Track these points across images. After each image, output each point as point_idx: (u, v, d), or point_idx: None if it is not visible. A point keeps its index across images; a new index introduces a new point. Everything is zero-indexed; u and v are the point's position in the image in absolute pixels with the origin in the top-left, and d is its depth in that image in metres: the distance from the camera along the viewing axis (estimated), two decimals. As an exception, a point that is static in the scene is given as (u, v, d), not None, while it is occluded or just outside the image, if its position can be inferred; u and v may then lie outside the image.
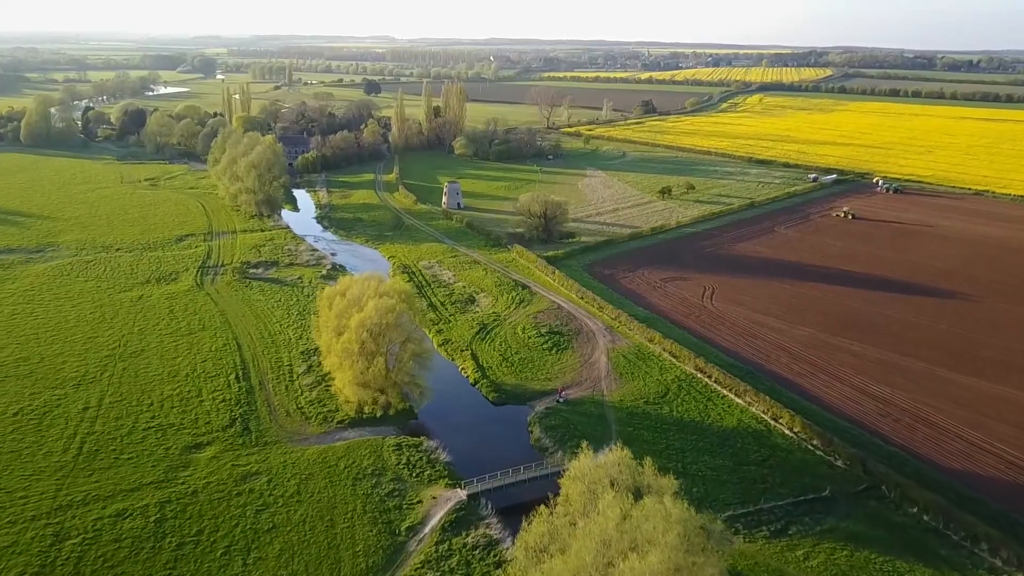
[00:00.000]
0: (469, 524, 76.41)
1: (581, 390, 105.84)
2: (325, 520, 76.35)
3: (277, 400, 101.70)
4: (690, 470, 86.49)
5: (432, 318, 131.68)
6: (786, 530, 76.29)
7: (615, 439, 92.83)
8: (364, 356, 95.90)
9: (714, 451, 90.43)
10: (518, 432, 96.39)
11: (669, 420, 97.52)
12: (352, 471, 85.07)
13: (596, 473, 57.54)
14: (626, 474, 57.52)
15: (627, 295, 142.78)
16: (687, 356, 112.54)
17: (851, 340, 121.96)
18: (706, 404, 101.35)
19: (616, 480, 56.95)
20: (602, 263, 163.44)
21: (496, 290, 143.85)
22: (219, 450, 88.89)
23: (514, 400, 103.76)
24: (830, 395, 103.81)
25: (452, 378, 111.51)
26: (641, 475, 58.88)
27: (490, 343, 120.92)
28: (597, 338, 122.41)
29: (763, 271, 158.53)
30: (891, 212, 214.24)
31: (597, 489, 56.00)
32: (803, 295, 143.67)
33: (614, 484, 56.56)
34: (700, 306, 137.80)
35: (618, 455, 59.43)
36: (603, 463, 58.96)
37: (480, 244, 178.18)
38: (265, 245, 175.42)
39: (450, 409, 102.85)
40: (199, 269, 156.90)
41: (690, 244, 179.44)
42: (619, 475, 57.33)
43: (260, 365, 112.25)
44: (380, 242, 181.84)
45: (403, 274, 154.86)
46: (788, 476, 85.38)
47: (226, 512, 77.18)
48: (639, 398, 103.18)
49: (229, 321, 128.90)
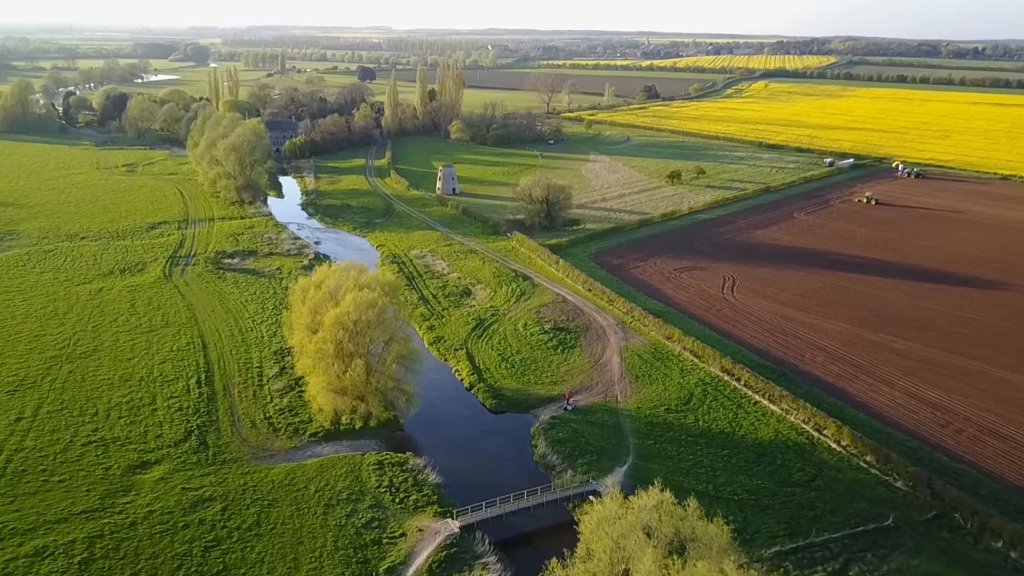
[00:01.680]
0: (462, 564, 63.03)
1: (592, 396, 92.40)
2: (288, 560, 62.94)
3: (242, 408, 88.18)
4: (723, 493, 73.15)
5: (423, 313, 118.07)
6: (846, 571, 62.93)
7: (633, 455, 79.50)
8: (340, 358, 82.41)
9: (750, 469, 77.05)
10: (520, 446, 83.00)
11: (695, 431, 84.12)
12: (324, 496, 71.63)
13: (627, 521, 44.09)
14: (667, 522, 44.13)
15: (639, 286, 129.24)
16: (711, 356, 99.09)
17: (893, 336, 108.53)
18: (736, 412, 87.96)
19: (653, 530, 43.65)
20: (610, 252, 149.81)
21: (494, 282, 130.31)
22: (168, 470, 75.42)
23: (515, 408, 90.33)
24: (878, 401, 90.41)
25: (444, 382, 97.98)
26: (683, 520, 45.41)
27: (488, 341, 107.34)
28: (608, 335, 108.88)
29: (785, 260, 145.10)
30: (915, 197, 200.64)
31: (628, 543, 42.68)
32: (832, 286, 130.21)
33: (651, 535, 43.28)
34: (720, 298, 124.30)
35: (656, 497, 45.91)
36: (636, 507, 45.45)
37: (477, 232, 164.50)
38: (244, 233, 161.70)
39: (441, 419, 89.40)
40: (169, 259, 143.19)
41: (704, 231, 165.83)
42: (657, 523, 43.98)
43: (226, 367, 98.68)
44: (369, 230, 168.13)
45: (392, 264, 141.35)
46: (840, 500, 72.02)
47: (168, 550, 63.72)
48: (659, 405, 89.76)
49: (196, 317, 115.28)
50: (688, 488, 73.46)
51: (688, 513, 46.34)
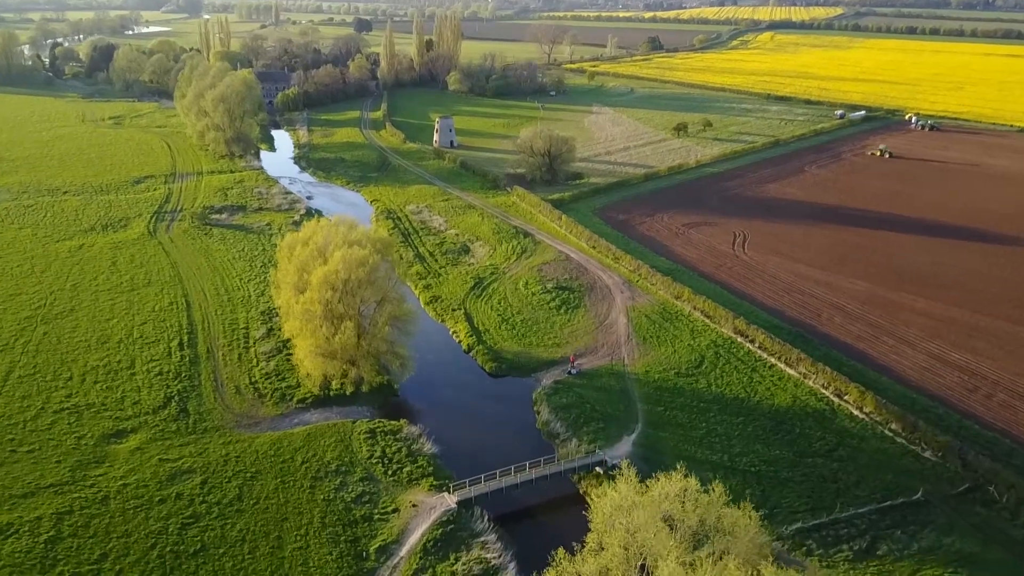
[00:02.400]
0: (459, 543, 58.31)
1: (597, 359, 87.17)
2: (271, 538, 58.23)
3: (226, 372, 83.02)
4: (739, 464, 68.29)
5: (419, 271, 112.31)
6: (873, 549, 58.25)
7: (642, 422, 74.53)
8: (329, 320, 76.92)
9: (767, 438, 72.09)
10: (521, 412, 77.99)
11: (707, 397, 79.04)
12: (311, 468, 66.76)
13: (645, 511, 38.87)
14: (691, 511, 38.91)
15: (646, 243, 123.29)
16: (723, 316, 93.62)
17: (914, 295, 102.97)
18: (751, 376, 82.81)
19: (675, 520, 38.52)
20: (615, 207, 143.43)
21: (494, 238, 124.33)
22: (145, 439, 70.48)
23: (516, 371, 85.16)
24: (901, 364, 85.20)
25: (441, 344, 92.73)
26: (708, 506, 40.18)
27: (487, 301, 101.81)
28: (614, 294, 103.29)
29: (798, 215, 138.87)
30: (930, 150, 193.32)
31: (647, 536, 37.57)
32: (847, 242, 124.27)
33: (673, 526, 38.19)
34: (731, 256, 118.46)
35: (679, 484, 40.55)
36: (656, 495, 40.12)
37: (475, 186, 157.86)
38: (233, 188, 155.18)
39: (438, 383, 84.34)
40: (154, 215, 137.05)
41: (713, 185, 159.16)
42: (680, 513, 38.80)
43: (211, 328, 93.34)
44: (363, 184, 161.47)
45: (387, 220, 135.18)
46: (865, 472, 67.16)
47: (142, 527, 58.96)
48: (668, 368, 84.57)
49: (180, 275, 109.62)
50: (702, 459, 68.79)
51: (714, 499, 41.14)
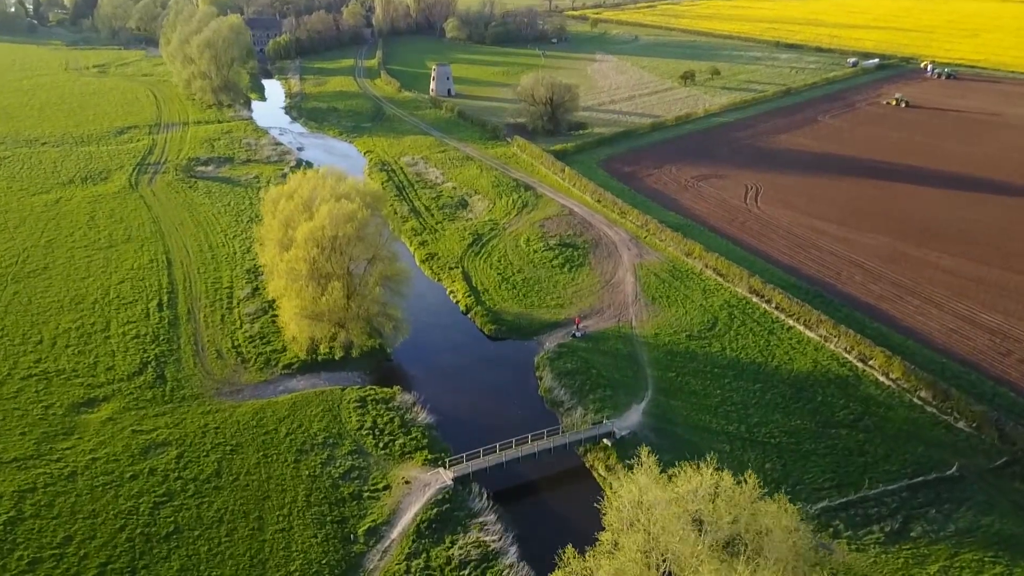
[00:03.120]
0: (456, 524, 53.60)
1: (603, 320, 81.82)
2: (251, 519, 53.50)
3: (207, 335, 77.75)
4: (758, 435, 63.34)
5: (414, 227, 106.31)
6: (906, 530, 53.57)
7: (652, 389, 69.46)
8: (315, 279, 71.46)
9: (787, 407, 67.07)
10: (522, 378, 72.91)
11: (722, 361, 73.85)
12: (296, 440, 61.83)
13: (669, 510, 33.65)
14: (723, 509, 33.68)
15: (653, 197, 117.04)
16: (737, 274, 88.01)
17: (938, 252, 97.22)
18: (768, 339, 77.53)
19: (705, 520, 33.36)
20: (620, 158, 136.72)
21: (493, 192, 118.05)
22: (118, 408, 65.47)
23: (517, 334, 79.87)
24: (928, 326, 79.87)
25: (438, 305, 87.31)
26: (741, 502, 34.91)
27: (486, 259, 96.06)
28: (620, 251, 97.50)
29: (812, 167, 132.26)
30: (948, 99, 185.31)
31: (672, 540, 32.46)
32: (865, 195, 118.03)
33: (702, 529, 33.10)
34: (744, 210, 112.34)
35: (708, 478, 35.17)
36: (684, 493, 34.78)
37: (474, 136, 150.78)
38: (220, 139, 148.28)
39: (434, 347, 79.06)
40: (136, 167, 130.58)
41: (722, 135, 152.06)
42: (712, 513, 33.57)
43: (192, 288, 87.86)
44: (356, 135, 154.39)
45: (381, 172, 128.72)
46: (894, 444, 62.26)
47: (111, 507, 54.21)
48: (679, 331, 79.26)
49: (162, 230, 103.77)
50: (717, 429, 63.91)
51: (747, 491, 35.90)
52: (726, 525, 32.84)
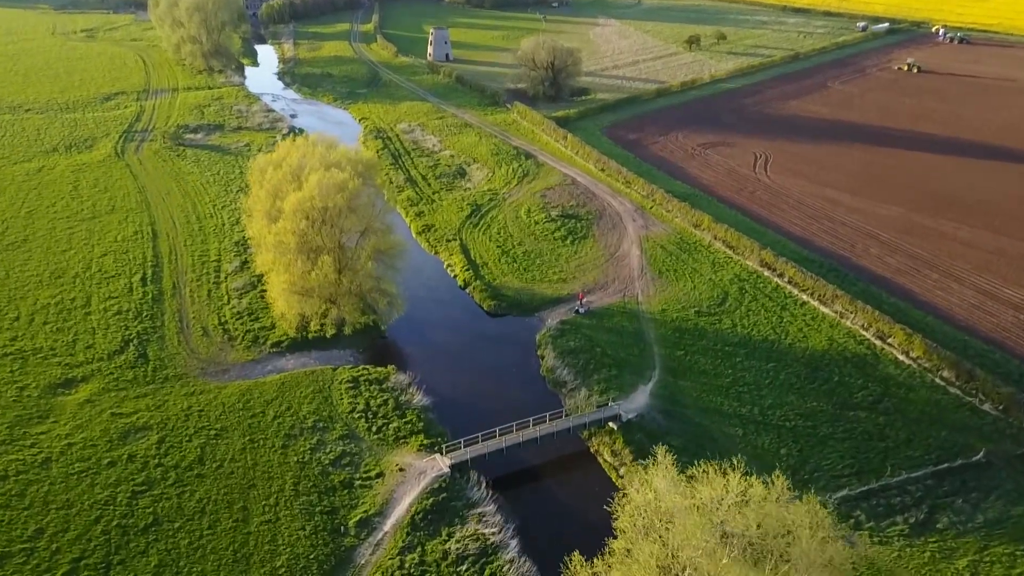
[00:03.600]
0: (453, 515, 50.40)
1: (608, 295, 78.16)
2: (235, 509, 50.29)
3: (193, 312, 74.10)
4: (772, 418, 60.00)
5: (410, 197, 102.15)
6: (932, 521, 50.42)
7: (660, 369, 66.00)
8: (304, 253, 67.64)
9: (802, 387, 63.65)
10: (524, 357, 69.40)
11: (733, 339, 70.30)
12: (284, 423, 58.46)
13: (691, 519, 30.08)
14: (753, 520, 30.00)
15: (659, 165, 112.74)
16: (748, 247, 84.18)
17: (956, 223, 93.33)
18: (781, 315, 73.94)
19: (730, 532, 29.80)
20: (624, 125, 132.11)
21: (493, 160, 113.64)
22: (97, 389, 62.00)
23: (517, 310, 76.23)
24: (948, 301, 76.27)
25: (434, 279, 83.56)
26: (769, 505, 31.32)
27: (485, 231, 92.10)
28: (625, 223, 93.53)
29: (823, 135, 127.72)
30: (961, 64, 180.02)
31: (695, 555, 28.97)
32: (879, 164, 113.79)
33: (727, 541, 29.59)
34: (753, 179, 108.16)
35: (735, 483, 31.55)
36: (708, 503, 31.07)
37: (473, 103, 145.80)
38: (210, 105, 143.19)
39: (430, 324, 75.48)
40: (123, 134, 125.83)
41: (729, 102, 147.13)
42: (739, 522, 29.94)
43: (178, 261, 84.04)
44: (351, 101, 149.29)
45: (376, 140, 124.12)
46: (916, 428, 58.94)
47: (86, 496, 50.96)
48: (688, 306, 75.63)
49: (148, 200, 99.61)
50: (729, 412, 60.57)
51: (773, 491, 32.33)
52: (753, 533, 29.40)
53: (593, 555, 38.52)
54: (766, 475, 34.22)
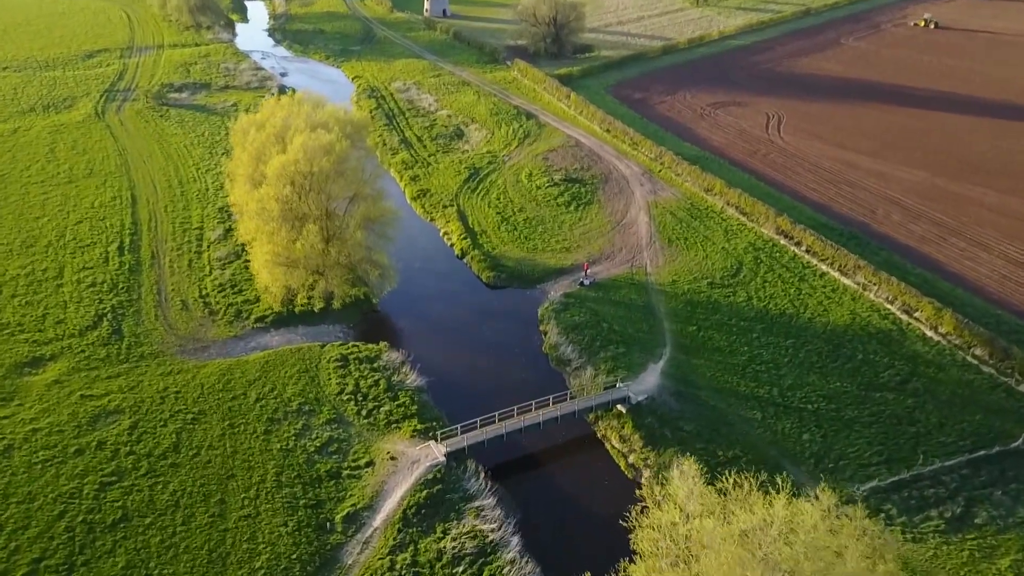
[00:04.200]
0: (448, 509, 46.36)
1: (614, 266, 73.49)
2: (212, 503, 46.22)
3: (172, 283, 69.48)
4: (792, 400, 55.76)
5: (404, 160, 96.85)
6: (969, 516, 46.35)
7: (671, 346, 61.61)
8: (289, 222, 62.85)
9: (824, 366, 59.31)
10: (525, 333, 64.96)
11: (748, 313, 65.79)
12: (267, 407, 54.19)
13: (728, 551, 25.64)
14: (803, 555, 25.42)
15: (667, 126, 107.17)
16: (763, 213, 79.29)
17: (982, 187, 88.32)
18: (799, 287, 69.35)
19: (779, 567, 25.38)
20: (630, 84, 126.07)
21: (492, 120, 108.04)
22: (67, 369, 57.67)
23: (518, 281, 71.59)
24: (977, 272, 71.64)
25: (430, 248, 78.85)
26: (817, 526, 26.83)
27: (484, 196, 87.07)
28: (632, 187, 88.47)
29: (838, 94, 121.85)
30: (980, 20, 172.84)
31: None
32: (898, 125, 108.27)
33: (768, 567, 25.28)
34: (766, 140, 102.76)
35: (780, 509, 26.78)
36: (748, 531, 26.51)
37: (471, 60, 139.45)
38: (197, 63, 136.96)
39: (425, 297, 70.87)
40: (104, 93, 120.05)
41: (739, 59, 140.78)
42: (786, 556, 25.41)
43: (158, 229, 79.25)
44: (344, 59, 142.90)
45: (369, 99, 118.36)
46: (948, 411, 54.73)
47: (50, 488, 46.84)
48: (700, 277, 71.00)
49: (128, 164, 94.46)
50: (746, 393, 56.30)
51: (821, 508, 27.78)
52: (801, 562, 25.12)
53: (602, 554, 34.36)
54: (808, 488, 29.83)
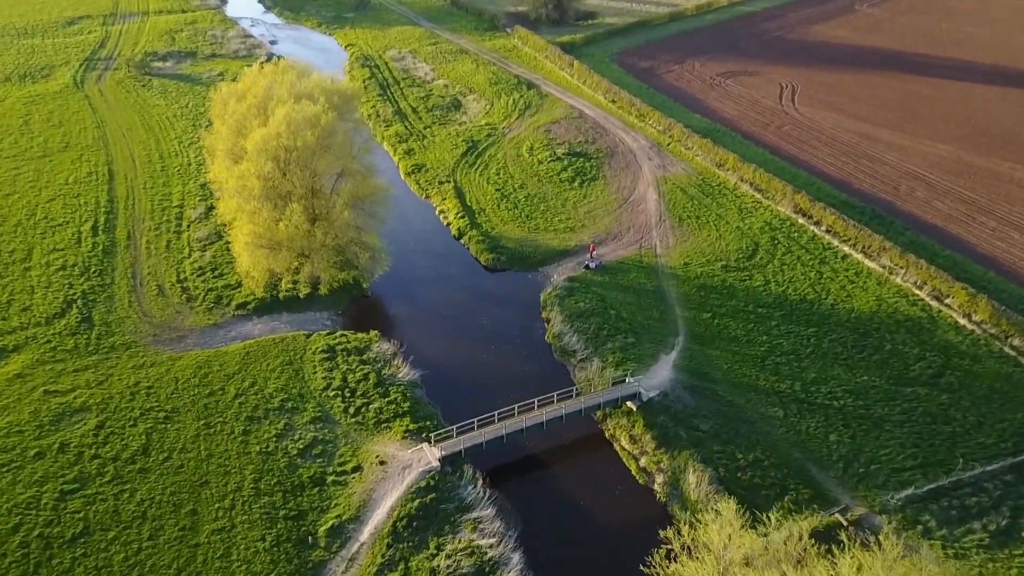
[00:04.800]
0: (443, 521, 42.15)
1: (622, 247, 68.80)
2: (183, 513, 42.03)
3: (149, 266, 64.87)
4: (816, 396, 51.40)
5: (398, 132, 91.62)
6: (1016, 528, 42.18)
7: (684, 335, 57.16)
8: (271, 200, 58.04)
9: (850, 358, 54.90)
10: (527, 320, 60.42)
11: (766, 299, 61.25)
12: (247, 404, 49.86)
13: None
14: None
15: (675, 96, 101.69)
16: (779, 190, 74.41)
17: (1010, 162, 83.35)
18: (819, 269, 64.74)
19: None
20: (636, 52, 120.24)
21: (491, 91, 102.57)
22: (30, 361, 53.25)
23: (519, 264, 66.92)
24: (1010, 254, 66.96)
25: (425, 228, 74.06)
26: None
27: (482, 171, 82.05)
28: (640, 161, 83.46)
29: (854, 62, 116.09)
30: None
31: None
32: (919, 95, 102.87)
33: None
34: (780, 112, 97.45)
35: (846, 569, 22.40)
36: None
37: (469, 27, 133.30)
38: (183, 30, 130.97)
39: (420, 281, 66.22)
40: (84, 62, 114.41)
41: (749, 26, 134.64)
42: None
43: (135, 207, 74.44)
44: (337, 26, 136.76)
45: (363, 68, 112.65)
46: (987, 409, 50.38)
47: (6, 498, 42.58)
48: (713, 260, 66.34)
49: (106, 137, 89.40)
50: (766, 387, 51.95)
51: (885, 560, 23.50)
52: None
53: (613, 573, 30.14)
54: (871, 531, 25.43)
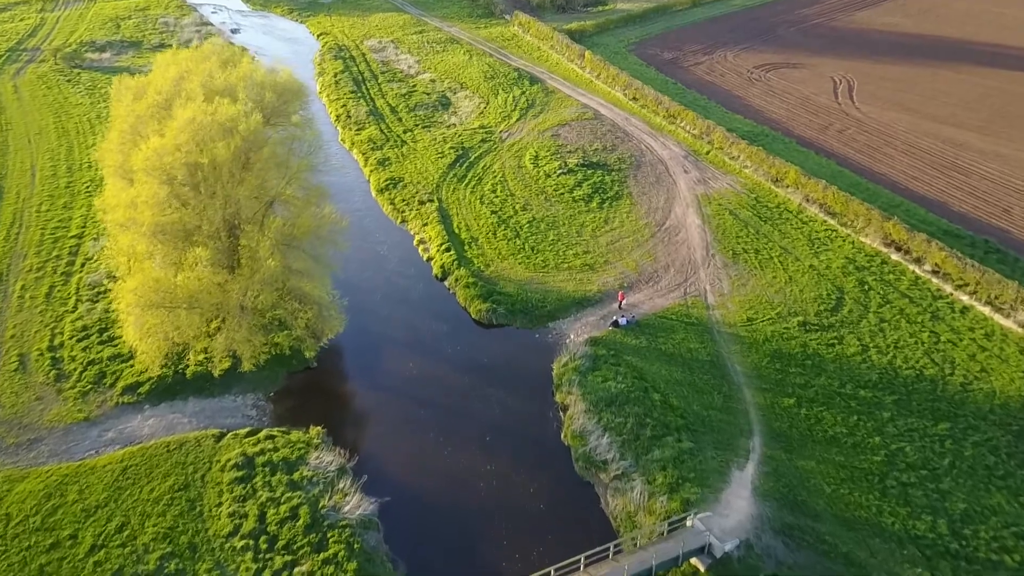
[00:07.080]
0: None
1: (660, 293, 51.28)
2: None
3: (15, 324, 47.33)
4: (974, 545, 34.11)
5: (373, 137, 73.93)
6: None
7: (761, 435, 39.66)
8: (170, 240, 40.40)
9: (1010, 476, 37.43)
10: (533, 406, 42.82)
11: (867, 375, 43.73)
12: (106, 564, 32.31)
13: None
14: None
15: (709, 93, 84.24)
16: (861, 214, 56.95)
17: None
18: (933, 329, 47.31)
19: None
20: (656, 41, 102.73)
21: (486, 86, 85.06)
22: None
23: (523, 317, 49.25)
24: None
25: (398, 265, 56.15)
26: None
27: (475, 187, 64.41)
28: (673, 174, 65.96)
29: (915, 53, 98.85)
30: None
31: None
32: (1000, 91, 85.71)
33: None
34: (838, 111, 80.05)
35: None
36: None
37: (462, 13, 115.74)
38: (131, 17, 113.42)
39: (386, 342, 48.30)
40: (6, 53, 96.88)
41: (784, 12, 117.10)
42: None
43: (21, 236, 56.95)
44: (310, 13, 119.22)
45: (336, 61, 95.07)
46: None
47: None
48: (785, 314, 48.84)
49: (8, 144, 71.98)
50: (895, 528, 34.53)
51: None
52: None
53: None
54: None
